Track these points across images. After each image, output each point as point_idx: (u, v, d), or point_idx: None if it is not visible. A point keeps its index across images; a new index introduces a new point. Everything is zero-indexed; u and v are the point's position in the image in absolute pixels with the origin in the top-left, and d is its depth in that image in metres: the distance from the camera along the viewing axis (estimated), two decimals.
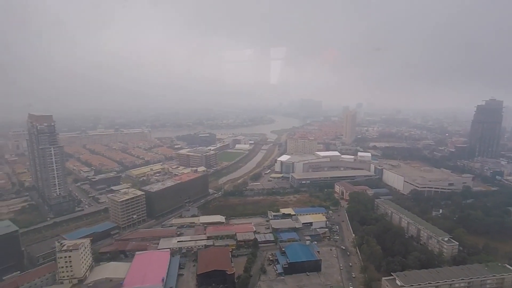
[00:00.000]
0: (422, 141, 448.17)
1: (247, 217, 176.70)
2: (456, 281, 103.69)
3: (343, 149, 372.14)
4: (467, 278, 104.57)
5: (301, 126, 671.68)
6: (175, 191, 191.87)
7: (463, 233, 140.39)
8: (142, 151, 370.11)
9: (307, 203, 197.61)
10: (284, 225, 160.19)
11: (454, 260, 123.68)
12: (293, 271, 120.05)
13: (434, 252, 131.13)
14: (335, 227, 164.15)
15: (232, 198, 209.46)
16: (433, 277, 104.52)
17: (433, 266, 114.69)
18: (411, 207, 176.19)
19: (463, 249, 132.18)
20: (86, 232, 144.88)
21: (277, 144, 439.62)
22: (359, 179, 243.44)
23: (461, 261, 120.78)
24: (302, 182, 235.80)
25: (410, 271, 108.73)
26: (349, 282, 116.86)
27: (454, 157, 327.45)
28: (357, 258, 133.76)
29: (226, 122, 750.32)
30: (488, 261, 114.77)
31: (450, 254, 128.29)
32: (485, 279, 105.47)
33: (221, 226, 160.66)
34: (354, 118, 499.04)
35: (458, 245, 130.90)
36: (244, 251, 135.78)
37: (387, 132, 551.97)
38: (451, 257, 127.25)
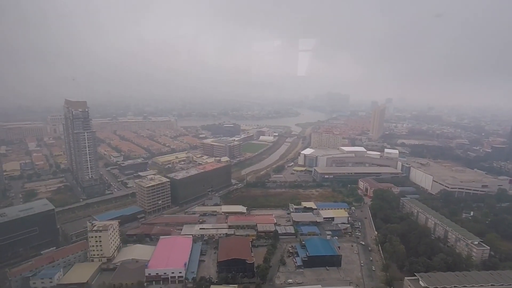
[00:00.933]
0: (456, 140, 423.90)
1: (268, 208, 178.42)
2: (485, 286, 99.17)
3: (369, 145, 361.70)
4: (498, 284, 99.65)
5: (326, 120, 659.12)
6: (199, 179, 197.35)
7: (495, 238, 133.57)
8: (168, 139, 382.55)
9: (329, 198, 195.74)
10: (305, 218, 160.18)
11: (484, 265, 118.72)
12: (312, 264, 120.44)
13: (462, 255, 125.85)
14: (357, 223, 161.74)
15: (254, 189, 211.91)
16: (459, 280, 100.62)
17: (460, 270, 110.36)
18: (439, 208, 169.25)
19: (494, 254, 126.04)
20: (115, 215, 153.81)
21: (301, 137, 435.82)
22: (384, 176, 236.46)
23: (492, 266, 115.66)
24: (325, 177, 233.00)
25: (434, 273, 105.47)
26: (369, 279, 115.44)
27: (490, 158, 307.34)
28: (379, 256, 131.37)
29: (251, 113, 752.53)
30: None
31: (480, 258, 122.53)
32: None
33: (242, 216, 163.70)
34: (383, 113, 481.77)
35: (489, 249, 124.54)
36: (264, 242, 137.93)
37: (417, 129, 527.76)
38: (481, 261, 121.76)
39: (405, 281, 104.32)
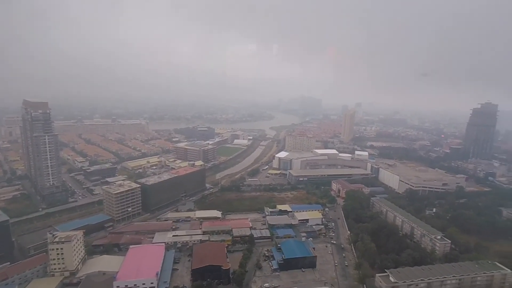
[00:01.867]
0: (418, 141, 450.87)
1: (243, 212, 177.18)
2: (448, 278, 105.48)
3: (341, 148, 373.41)
4: (458, 275, 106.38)
5: (300, 124, 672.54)
6: (172, 184, 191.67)
7: (455, 232, 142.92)
8: (139, 143, 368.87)
9: (304, 200, 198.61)
10: (281, 221, 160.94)
11: (446, 258, 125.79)
12: (288, 267, 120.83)
13: (427, 249, 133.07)
14: (331, 224, 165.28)
15: (229, 193, 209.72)
16: (425, 274, 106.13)
17: (425, 263, 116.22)
18: (405, 206, 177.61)
19: (455, 247, 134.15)
20: (79, 224, 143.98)
21: (275, 141, 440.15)
22: (355, 178, 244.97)
23: (453, 258, 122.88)
24: (299, 179, 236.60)
25: (403, 268, 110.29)
26: (343, 278, 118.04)
27: (448, 158, 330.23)
28: (352, 255, 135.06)
29: (226, 116, 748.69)
30: (479, 259, 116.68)
31: (442, 252, 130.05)
32: (476, 276, 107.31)
33: (217, 221, 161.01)
34: (353, 117, 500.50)
35: (450, 243, 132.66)
36: (240, 247, 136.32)
37: (384, 132, 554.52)
38: (443, 254, 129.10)
39: (376, 277, 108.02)
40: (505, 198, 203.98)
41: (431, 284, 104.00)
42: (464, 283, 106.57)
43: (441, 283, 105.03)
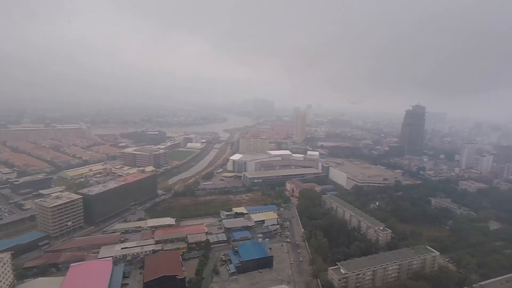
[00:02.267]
0: (362, 141, 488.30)
1: (199, 217, 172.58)
2: (390, 264, 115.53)
3: (294, 148, 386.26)
4: (398, 261, 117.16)
5: (253, 125, 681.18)
6: (119, 193, 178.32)
7: (395, 222, 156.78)
8: (80, 149, 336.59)
9: (260, 201, 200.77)
10: (237, 224, 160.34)
11: (388, 246, 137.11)
12: (246, 269, 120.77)
13: (372, 240, 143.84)
14: (286, 223, 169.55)
15: (183, 199, 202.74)
16: (371, 263, 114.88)
17: (371, 253, 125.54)
18: (353, 201, 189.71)
19: (395, 236, 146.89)
20: (6, 245, 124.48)
21: (229, 143, 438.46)
22: (308, 177, 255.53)
23: (393, 246, 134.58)
24: (254, 181, 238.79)
25: (352, 260, 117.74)
26: (299, 275, 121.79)
27: (388, 155, 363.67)
28: (306, 251, 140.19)
29: (177, 119, 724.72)
30: (414, 245, 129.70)
31: (384, 241, 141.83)
32: (412, 260, 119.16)
33: (171, 228, 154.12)
34: (304, 118, 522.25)
35: (391, 232, 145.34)
36: (196, 254, 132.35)
37: (333, 132, 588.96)
38: (385, 243, 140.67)
39: (328, 271, 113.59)
40: (433, 189, 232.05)
41: (376, 271, 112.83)
42: (403, 267, 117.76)
43: (384, 270, 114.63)
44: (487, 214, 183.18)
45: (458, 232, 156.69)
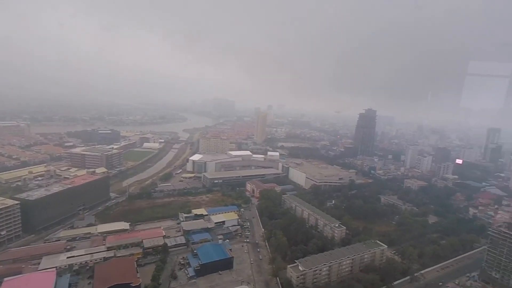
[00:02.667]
0: (320, 142, 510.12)
1: (156, 221, 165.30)
2: (344, 259, 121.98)
3: (255, 149, 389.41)
4: (351, 256, 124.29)
5: (214, 125, 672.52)
6: (65, 197, 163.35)
7: (349, 219, 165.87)
8: (17, 149, 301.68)
9: (220, 202, 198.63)
10: (196, 226, 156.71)
11: (343, 242, 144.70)
12: (205, 272, 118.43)
13: (328, 237, 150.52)
14: (246, 223, 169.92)
15: (138, 201, 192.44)
16: (327, 259, 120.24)
17: (327, 250, 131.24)
18: (311, 200, 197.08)
19: (349, 232, 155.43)
20: None
21: (189, 143, 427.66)
22: (268, 177, 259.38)
23: (348, 242, 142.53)
24: (214, 182, 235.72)
25: (310, 256, 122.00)
26: (259, 274, 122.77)
27: (343, 156, 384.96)
28: (266, 251, 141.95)
29: (133, 118, 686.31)
30: (366, 240, 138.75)
31: (339, 238, 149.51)
32: (363, 254, 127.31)
33: (125, 234, 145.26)
34: (265, 119, 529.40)
35: (345, 229, 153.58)
36: (152, 259, 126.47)
37: (293, 133, 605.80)
38: (340, 240, 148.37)
39: (288, 269, 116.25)
40: (383, 187, 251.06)
41: (331, 266, 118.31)
42: (355, 261, 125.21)
43: (339, 265, 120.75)
44: (426, 209, 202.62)
45: (403, 226, 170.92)
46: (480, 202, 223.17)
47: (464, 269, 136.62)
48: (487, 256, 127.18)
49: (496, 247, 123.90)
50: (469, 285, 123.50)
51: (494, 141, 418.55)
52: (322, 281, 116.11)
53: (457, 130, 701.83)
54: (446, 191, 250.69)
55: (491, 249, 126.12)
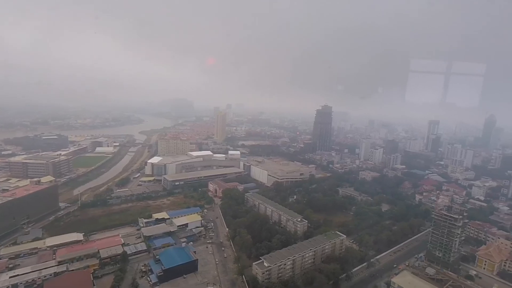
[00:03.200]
0: (280, 139, 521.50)
1: (113, 229, 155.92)
2: (306, 252, 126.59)
3: (215, 148, 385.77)
4: (313, 248, 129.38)
5: (173, 126, 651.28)
6: (4, 211, 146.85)
7: (310, 213, 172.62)
8: None
9: (182, 205, 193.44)
10: (158, 231, 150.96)
11: (305, 236, 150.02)
12: (169, 277, 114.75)
13: (291, 232, 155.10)
14: (210, 224, 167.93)
15: (93, 210, 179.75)
16: (290, 253, 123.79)
17: (291, 244, 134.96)
18: (273, 197, 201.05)
19: (310, 225, 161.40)
20: None
21: (147, 146, 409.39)
22: (230, 176, 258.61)
23: (310, 235, 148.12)
24: (175, 184, 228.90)
25: (274, 252, 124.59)
26: (224, 274, 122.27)
27: (303, 152, 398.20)
28: (231, 250, 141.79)
29: (82, 122, 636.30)
30: (326, 232, 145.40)
31: (302, 231, 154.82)
32: (324, 245, 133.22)
33: (78, 245, 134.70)
34: (224, 118, 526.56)
35: (307, 222, 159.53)
36: (111, 269, 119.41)
37: (253, 132, 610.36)
38: (303, 233, 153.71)
39: (253, 266, 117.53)
40: (340, 180, 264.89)
41: (295, 260, 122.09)
42: (317, 253, 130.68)
43: (302, 257, 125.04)
44: (379, 198, 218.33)
45: (359, 216, 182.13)
46: (424, 188, 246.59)
47: (413, 251, 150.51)
48: (431, 238, 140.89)
49: (438, 228, 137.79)
50: (417, 265, 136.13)
51: (434, 132, 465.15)
52: (287, 275, 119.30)
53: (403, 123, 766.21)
54: (396, 180, 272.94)
55: (434, 231, 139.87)
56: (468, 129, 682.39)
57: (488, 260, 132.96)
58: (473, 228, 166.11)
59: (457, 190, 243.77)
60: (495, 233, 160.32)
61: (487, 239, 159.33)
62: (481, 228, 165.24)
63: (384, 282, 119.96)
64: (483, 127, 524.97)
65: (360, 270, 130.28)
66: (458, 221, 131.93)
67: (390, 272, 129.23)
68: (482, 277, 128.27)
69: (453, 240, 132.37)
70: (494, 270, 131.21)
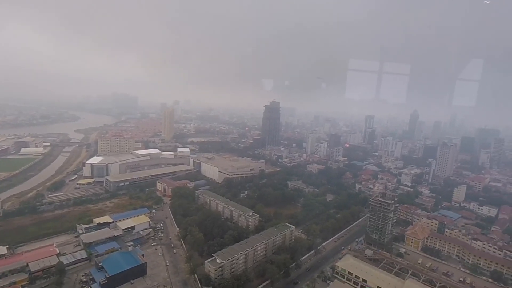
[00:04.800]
0: (230, 135, 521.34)
1: (46, 238, 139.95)
2: (258, 245, 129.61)
3: (163, 146, 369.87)
4: (265, 241, 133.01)
5: (115, 124, 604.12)
6: None
7: (261, 207, 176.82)
8: None
9: (127, 207, 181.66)
10: (100, 236, 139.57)
11: (257, 229, 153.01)
12: (115, 284, 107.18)
13: (243, 226, 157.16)
14: (159, 225, 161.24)
15: (19, 219, 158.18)
16: (243, 247, 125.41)
17: (243, 238, 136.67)
18: (224, 193, 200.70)
19: (262, 219, 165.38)
20: None
21: (84, 145, 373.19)
22: (180, 174, 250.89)
23: (261, 228, 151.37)
24: (119, 185, 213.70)
25: (227, 248, 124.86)
26: (175, 275, 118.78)
27: (252, 147, 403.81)
28: (183, 249, 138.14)
29: (2, 119, 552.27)
30: (277, 224, 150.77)
31: (254, 226, 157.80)
32: (275, 237, 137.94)
33: (1, 260, 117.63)
34: (172, 115, 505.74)
35: (258, 217, 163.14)
36: (44, 283, 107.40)
37: (202, 128, 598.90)
38: (254, 227, 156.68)
39: (205, 264, 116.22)
40: (289, 174, 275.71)
41: (247, 254, 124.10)
42: (269, 245, 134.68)
43: (254, 251, 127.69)
44: (325, 189, 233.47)
45: (307, 207, 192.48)
46: (363, 178, 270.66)
47: (354, 236, 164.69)
48: (369, 222, 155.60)
49: (374, 213, 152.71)
50: (357, 248, 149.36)
51: (370, 126, 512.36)
52: (240, 270, 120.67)
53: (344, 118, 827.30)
54: (339, 172, 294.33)
55: (371, 215, 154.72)
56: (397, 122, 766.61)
57: (414, 238, 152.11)
58: (402, 211, 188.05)
59: (390, 178, 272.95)
60: (419, 214, 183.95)
61: (414, 220, 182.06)
62: (409, 211, 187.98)
63: (329, 267, 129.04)
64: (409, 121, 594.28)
65: (308, 257, 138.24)
66: (391, 206, 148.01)
67: (335, 257, 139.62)
68: (409, 254, 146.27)
69: (387, 223, 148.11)
70: (419, 246, 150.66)
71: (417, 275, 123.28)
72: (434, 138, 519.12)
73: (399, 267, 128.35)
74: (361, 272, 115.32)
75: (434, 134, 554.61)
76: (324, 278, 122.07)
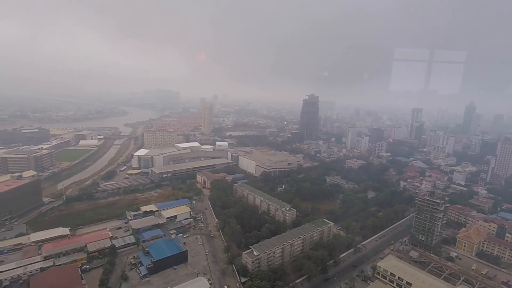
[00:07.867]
0: (268, 129, 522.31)
1: (100, 222, 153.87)
2: (295, 240, 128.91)
3: (203, 140, 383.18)
4: (302, 236, 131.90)
5: (159, 118, 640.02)
6: None
7: (298, 202, 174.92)
8: None
9: (170, 197, 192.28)
10: (146, 223, 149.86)
11: (294, 224, 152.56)
12: (159, 269, 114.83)
13: (280, 221, 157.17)
14: (199, 215, 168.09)
15: (78, 204, 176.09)
16: (280, 241, 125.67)
17: (280, 233, 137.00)
18: (262, 187, 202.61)
19: (299, 214, 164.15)
20: None
21: (132, 138, 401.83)
22: (218, 167, 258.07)
23: (298, 223, 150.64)
24: (163, 176, 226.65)
25: (264, 241, 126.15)
26: (214, 264, 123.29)
27: (290, 141, 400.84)
28: (221, 240, 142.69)
29: (64, 114, 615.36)
30: (314, 220, 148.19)
31: (291, 220, 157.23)
32: (313, 233, 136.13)
33: (64, 240, 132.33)
34: (211, 109, 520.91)
35: (295, 211, 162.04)
36: (99, 262, 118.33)
37: (240, 122, 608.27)
38: (291, 222, 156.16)
39: (243, 255, 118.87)
40: (328, 169, 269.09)
41: (284, 248, 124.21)
42: (306, 240, 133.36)
43: (291, 245, 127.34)
44: (366, 185, 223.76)
45: (346, 203, 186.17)
46: (408, 175, 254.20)
47: (397, 236, 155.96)
48: (415, 222, 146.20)
49: (421, 213, 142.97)
50: (401, 249, 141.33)
51: (418, 120, 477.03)
52: (276, 263, 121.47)
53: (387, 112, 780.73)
54: (381, 168, 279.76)
55: (417, 215, 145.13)
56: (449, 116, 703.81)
57: (468, 242, 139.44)
58: (454, 211, 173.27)
59: (439, 175, 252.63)
60: (474, 216, 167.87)
61: (467, 222, 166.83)
62: (462, 212, 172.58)
63: (370, 267, 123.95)
64: (463, 114, 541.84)
65: (347, 255, 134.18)
66: (440, 206, 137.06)
67: (376, 257, 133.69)
68: (462, 258, 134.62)
69: (435, 223, 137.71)
70: (473, 251, 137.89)
71: (471, 282, 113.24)
72: (494, 132, 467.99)
73: (449, 272, 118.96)
74: (405, 274, 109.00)
75: (494, 129, 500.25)
76: (364, 277, 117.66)
